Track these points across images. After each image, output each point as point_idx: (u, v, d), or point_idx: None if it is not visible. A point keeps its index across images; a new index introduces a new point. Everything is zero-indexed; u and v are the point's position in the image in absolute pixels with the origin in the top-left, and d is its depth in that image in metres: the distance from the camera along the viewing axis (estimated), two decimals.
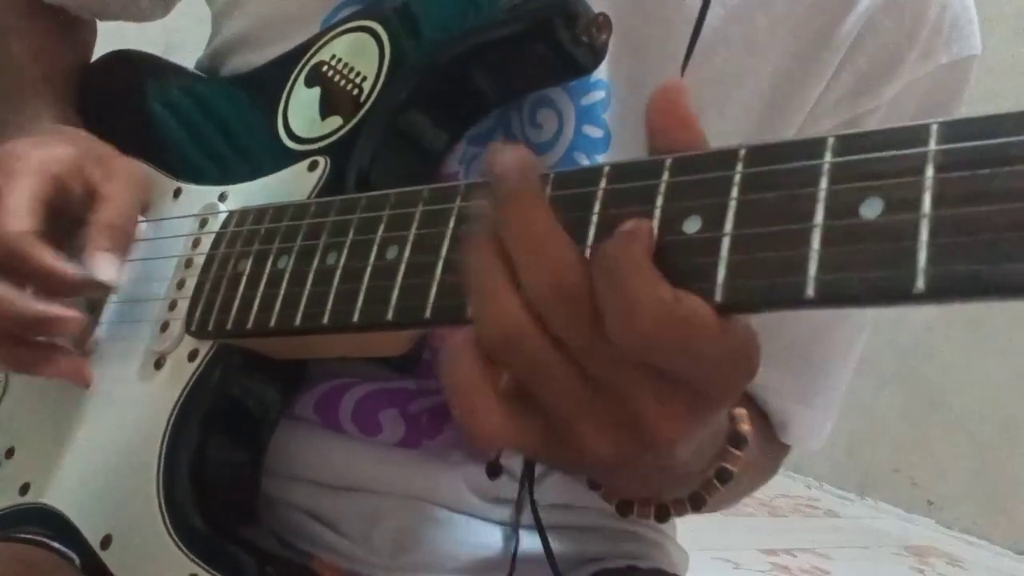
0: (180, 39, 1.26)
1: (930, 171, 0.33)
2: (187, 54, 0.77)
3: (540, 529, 0.65)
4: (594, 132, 0.61)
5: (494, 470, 0.65)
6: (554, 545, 0.66)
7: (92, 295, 0.62)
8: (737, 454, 0.52)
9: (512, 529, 0.66)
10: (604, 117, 0.62)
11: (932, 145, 0.34)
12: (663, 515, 0.54)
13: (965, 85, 0.66)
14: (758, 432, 0.66)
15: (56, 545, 0.59)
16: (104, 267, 0.58)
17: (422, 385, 0.64)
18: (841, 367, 0.71)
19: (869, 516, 3.07)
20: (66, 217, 0.61)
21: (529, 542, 0.66)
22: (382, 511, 0.65)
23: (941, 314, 3.04)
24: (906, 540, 2.86)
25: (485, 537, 0.66)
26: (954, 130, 0.34)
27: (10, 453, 0.65)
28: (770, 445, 0.71)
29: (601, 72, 0.60)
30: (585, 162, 0.61)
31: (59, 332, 0.59)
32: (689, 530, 0.79)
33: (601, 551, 0.70)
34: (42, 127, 0.69)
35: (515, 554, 0.65)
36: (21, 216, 0.58)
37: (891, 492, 3.14)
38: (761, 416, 0.69)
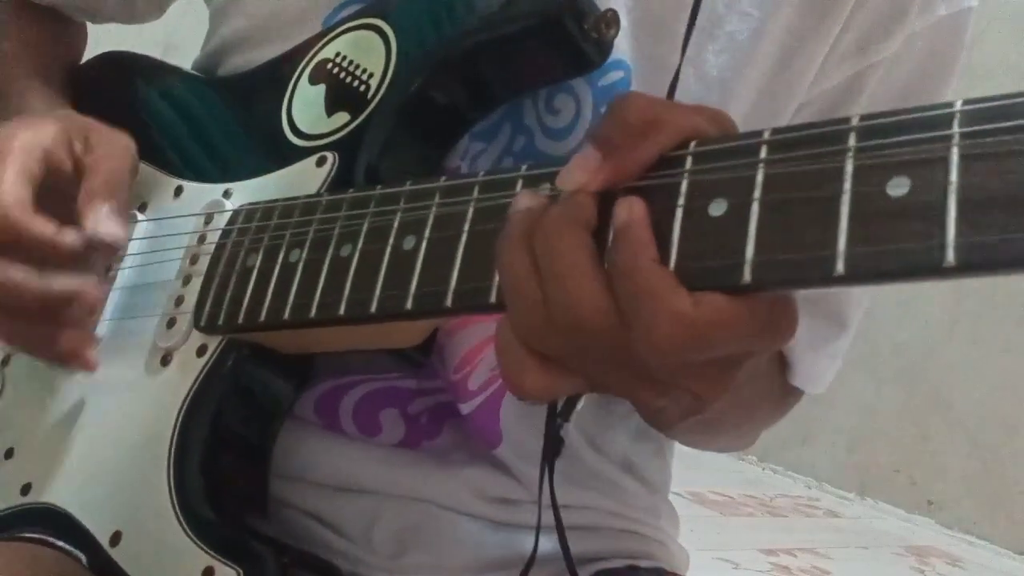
0: (180, 39, 1.26)
1: (955, 152, 0.34)
2: (187, 54, 0.76)
3: (559, 527, 0.64)
4: None
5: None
6: (555, 544, 0.66)
7: (98, 258, 0.60)
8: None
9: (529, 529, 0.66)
10: None
11: (956, 127, 0.34)
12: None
13: (964, 38, 0.67)
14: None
15: (61, 544, 0.59)
16: (104, 225, 0.57)
17: (422, 385, 0.64)
18: (849, 317, 0.71)
19: (869, 516, 3.07)
20: (63, 195, 0.60)
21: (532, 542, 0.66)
22: (382, 512, 0.65)
23: (942, 314, 3.04)
24: (906, 540, 2.87)
25: (486, 537, 0.66)
26: (978, 112, 0.34)
27: (9, 454, 0.65)
28: (780, 375, 0.71)
29: (620, 52, 0.60)
30: None
31: (83, 305, 0.57)
32: (689, 530, 0.79)
33: (602, 550, 0.70)
34: (31, 109, 0.69)
35: (534, 553, 0.64)
36: (12, 193, 0.57)
37: (891, 492, 3.14)
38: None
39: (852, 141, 0.36)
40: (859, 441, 3.16)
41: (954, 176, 0.33)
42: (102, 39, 0.82)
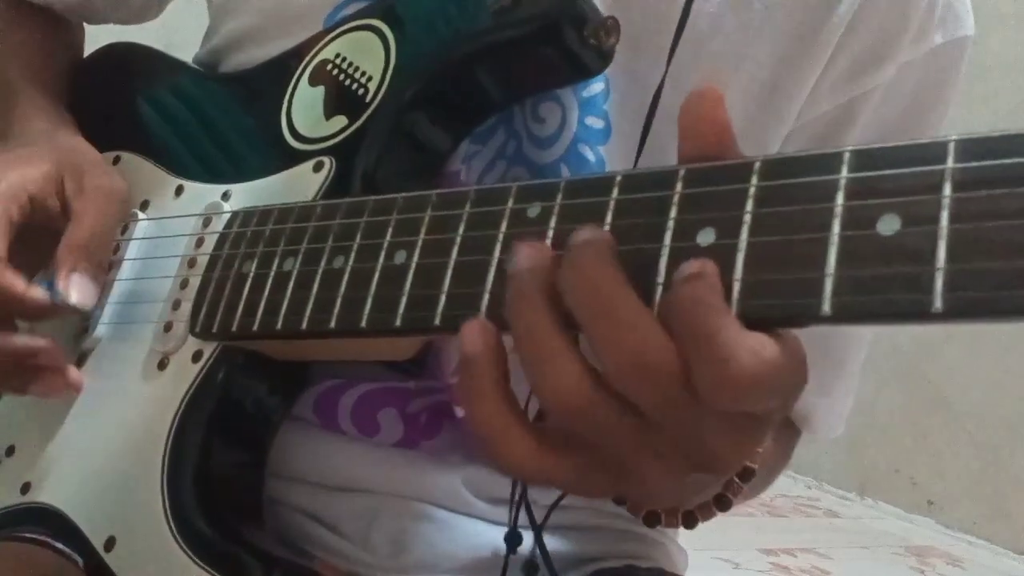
0: (181, 38, 1.26)
1: (948, 189, 0.33)
2: (188, 53, 0.76)
3: (535, 528, 0.64)
4: (596, 123, 0.61)
5: (514, 539, 0.64)
6: (553, 545, 0.66)
7: (67, 316, 0.62)
8: (758, 451, 0.52)
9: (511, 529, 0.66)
10: (604, 108, 0.61)
11: (950, 163, 0.33)
12: (690, 522, 0.54)
13: (960, 66, 0.66)
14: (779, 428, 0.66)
15: (59, 546, 0.58)
16: (74, 290, 0.59)
17: (421, 385, 0.63)
18: (856, 353, 0.71)
19: (869, 516, 3.07)
20: (50, 229, 0.61)
21: (528, 542, 0.66)
22: (381, 511, 0.65)
23: None
24: (906, 540, 2.87)
25: (484, 537, 0.66)
26: (971, 148, 0.33)
27: (10, 451, 0.65)
28: (787, 436, 0.71)
29: None
30: (588, 153, 0.61)
31: (40, 363, 0.59)
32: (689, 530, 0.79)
33: (600, 551, 0.70)
34: (32, 128, 0.69)
35: (507, 557, 0.64)
36: None
37: (891, 492, 3.14)
38: None
39: (844, 172, 0.35)
40: (859, 441, 3.16)
41: (944, 220, 0.33)
42: (103, 39, 0.82)
